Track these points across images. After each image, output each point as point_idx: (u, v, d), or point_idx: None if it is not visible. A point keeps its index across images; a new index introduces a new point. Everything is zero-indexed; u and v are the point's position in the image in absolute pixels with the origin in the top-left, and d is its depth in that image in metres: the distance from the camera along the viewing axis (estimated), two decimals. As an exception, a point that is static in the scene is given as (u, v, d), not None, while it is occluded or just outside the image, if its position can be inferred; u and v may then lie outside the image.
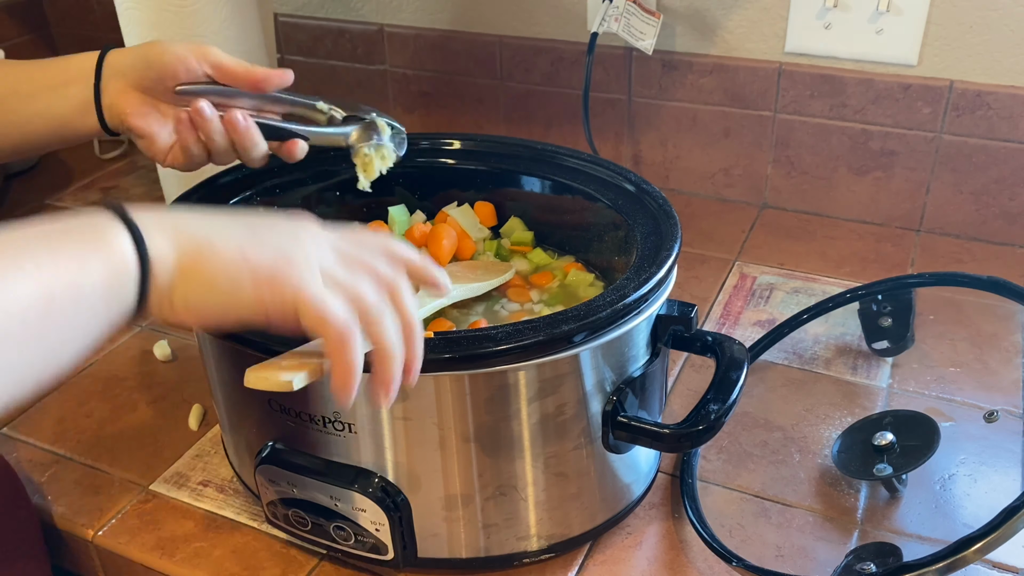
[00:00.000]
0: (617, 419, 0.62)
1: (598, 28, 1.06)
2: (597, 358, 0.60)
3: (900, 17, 0.99)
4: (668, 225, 0.69)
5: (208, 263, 0.48)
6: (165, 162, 0.70)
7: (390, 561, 0.64)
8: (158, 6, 0.91)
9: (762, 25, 1.06)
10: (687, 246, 1.05)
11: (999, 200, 1.02)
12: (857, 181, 1.08)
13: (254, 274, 0.48)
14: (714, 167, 1.15)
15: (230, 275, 0.48)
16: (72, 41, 1.53)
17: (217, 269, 0.48)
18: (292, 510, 0.65)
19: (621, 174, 0.76)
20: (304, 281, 0.49)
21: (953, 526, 0.69)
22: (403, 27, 1.24)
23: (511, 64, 1.20)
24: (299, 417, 0.61)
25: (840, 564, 0.63)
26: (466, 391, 0.58)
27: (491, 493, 0.62)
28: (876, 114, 1.04)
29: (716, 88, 1.10)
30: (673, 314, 0.65)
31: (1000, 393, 0.82)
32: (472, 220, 0.82)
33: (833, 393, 0.83)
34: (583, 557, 0.68)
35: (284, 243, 0.51)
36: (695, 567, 0.67)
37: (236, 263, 0.48)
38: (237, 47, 0.96)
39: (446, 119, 1.28)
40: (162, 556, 0.69)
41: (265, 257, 0.49)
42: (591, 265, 0.80)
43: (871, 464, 0.71)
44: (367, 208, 0.84)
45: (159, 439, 0.81)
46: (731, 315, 0.94)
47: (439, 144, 0.83)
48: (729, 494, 0.73)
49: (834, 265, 1.02)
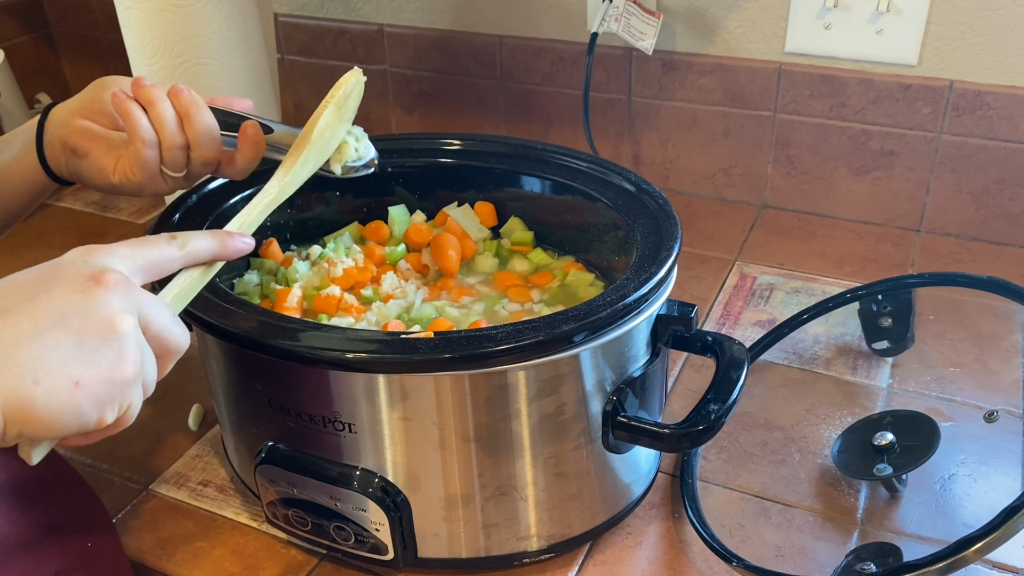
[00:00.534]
0: (617, 419, 0.62)
1: (598, 28, 1.06)
2: (597, 358, 0.60)
3: (900, 17, 0.99)
4: (668, 225, 0.69)
5: (42, 406, 0.43)
6: (114, 176, 0.66)
7: (390, 561, 0.64)
8: (158, 6, 0.91)
9: (762, 25, 1.06)
10: (687, 246, 1.05)
11: (999, 200, 1.02)
12: (857, 181, 1.08)
13: (94, 402, 0.45)
14: (714, 167, 1.15)
15: (70, 411, 0.44)
16: (72, 41, 1.53)
17: (54, 410, 0.43)
18: (292, 510, 0.65)
19: (621, 174, 0.76)
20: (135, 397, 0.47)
21: (953, 526, 0.69)
22: (403, 27, 1.24)
23: (511, 64, 1.20)
24: (299, 417, 0.61)
25: (840, 564, 0.63)
26: (466, 391, 0.58)
27: (491, 493, 0.62)
28: (876, 114, 1.04)
29: (716, 88, 1.10)
30: (673, 314, 0.65)
31: (1000, 393, 0.82)
32: (472, 220, 0.82)
33: (833, 393, 0.83)
34: (583, 557, 0.68)
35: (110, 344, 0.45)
36: (695, 567, 0.67)
37: (73, 399, 0.44)
38: (237, 47, 0.96)
39: (446, 119, 1.28)
40: (162, 556, 0.69)
41: (100, 380, 0.45)
42: (591, 265, 0.80)
43: (871, 464, 0.71)
44: (367, 208, 0.84)
45: (159, 439, 0.81)
46: (731, 315, 0.94)
47: (439, 144, 0.83)
48: (729, 494, 0.73)
49: (834, 265, 1.02)
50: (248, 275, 0.77)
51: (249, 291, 0.76)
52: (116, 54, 1.47)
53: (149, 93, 0.64)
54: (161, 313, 0.49)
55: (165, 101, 0.64)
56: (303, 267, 0.77)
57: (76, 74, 1.56)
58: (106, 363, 0.45)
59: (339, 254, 0.78)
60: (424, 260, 0.80)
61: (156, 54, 0.93)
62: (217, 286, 0.64)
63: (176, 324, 0.50)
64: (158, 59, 0.93)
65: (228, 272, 0.76)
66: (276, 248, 0.80)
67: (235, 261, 0.76)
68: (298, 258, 0.79)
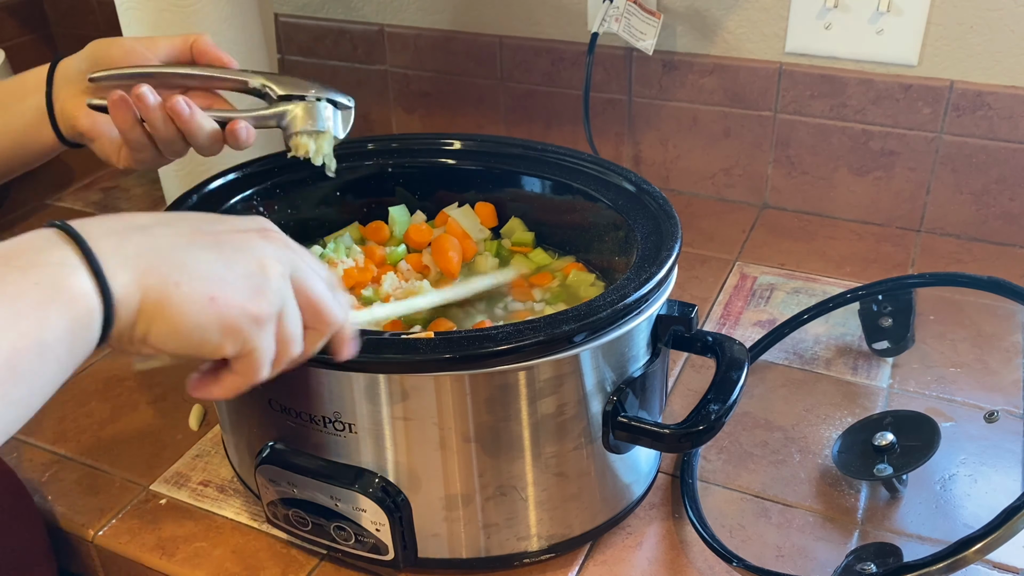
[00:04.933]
0: (617, 419, 0.62)
1: (598, 28, 1.06)
2: (597, 358, 0.60)
3: (900, 17, 0.99)
4: (668, 225, 0.69)
5: (175, 308, 0.45)
6: (119, 162, 0.68)
7: (390, 561, 0.64)
8: (158, 6, 0.91)
9: (762, 25, 1.06)
10: (687, 246, 1.05)
11: (999, 200, 1.02)
12: (857, 181, 1.08)
13: (221, 324, 0.46)
14: (714, 167, 1.15)
15: (198, 323, 0.46)
16: (72, 41, 1.53)
17: (185, 315, 0.45)
18: (292, 510, 0.65)
19: (621, 174, 0.76)
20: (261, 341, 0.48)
21: (953, 526, 0.69)
22: (403, 27, 1.24)
23: (511, 64, 1.20)
24: (299, 417, 0.61)
25: (840, 564, 0.63)
26: (466, 391, 0.58)
27: (491, 493, 0.62)
28: (876, 114, 1.04)
29: (716, 88, 1.10)
30: (673, 314, 0.65)
31: (1000, 393, 0.82)
32: (473, 221, 0.82)
33: (833, 393, 0.83)
34: (583, 557, 0.68)
35: (253, 279, 0.48)
36: (695, 567, 0.67)
37: (204, 311, 0.46)
38: (237, 47, 0.96)
39: (446, 119, 1.28)
40: (162, 556, 0.69)
41: (234, 305, 0.47)
42: (592, 265, 0.80)
43: (871, 464, 0.71)
44: (367, 208, 0.84)
45: (159, 439, 0.81)
46: (731, 315, 0.94)
47: (439, 144, 0.83)
48: (729, 494, 0.73)
49: (834, 265, 1.02)
50: (248, 275, 0.77)
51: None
52: (116, 54, 1.47)
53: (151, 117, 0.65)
54: (317, 280, 0.51)
55: (164, 121, 0.65)
56: (303, 267, 0.77)
57: (76, 74, 1.56)
58: (245, 292, 0.47)
59: (339, 254, 0.78)
60: (424, 261, 0.80)
61: (156, 54, 0.93)
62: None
63: (332, 296, 0.52)
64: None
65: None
66: (276, 248, 0.80)
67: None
68: (298, 258, 0.79)
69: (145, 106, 0.65)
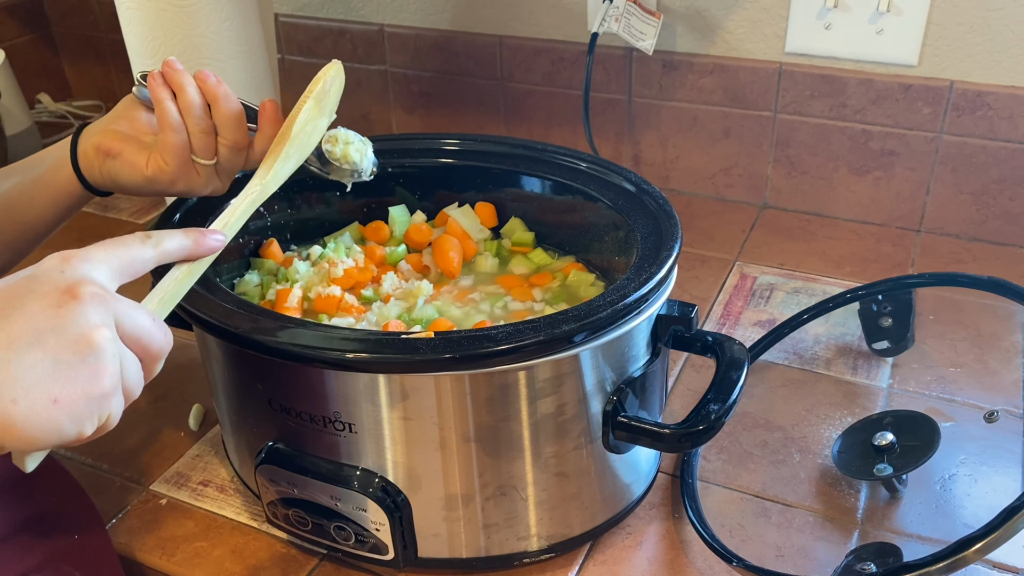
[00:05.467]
0: (617, 419, 0.62)
1: (598, 28, 1.06)
2: (597, 358, 0.60)
3: (900, 17, 0.99)
4: (668, 225, 0.69)
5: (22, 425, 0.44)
6: (147, 169, 0.67)
7: (390, 561, 0.64)
8: (158, 6, 0.91)
9: (762, 25, 1.06)
10: (687, 246, 1.05)
11: (999, 200, 1.02)
12: (857, 181, 1.08)
13: (73, 417, 0.45)
14: (714, 167, 1.15)
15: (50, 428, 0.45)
16: (72, 41, 1.53)
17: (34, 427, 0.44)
18: (292, 510, 0.65)
19: (621, 174, 0.76)
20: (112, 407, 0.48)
21: (953, 526, 0.69)
22: (403, 27, 1.24)
23: (511, 64, 1.20)
24: (299, 417, 0.61)
25: (840, 564, 0.63)
26: (466, 391, 0.58)
27: (491, 493, 0.62)
28: (876, 114, 1.04)
29: (716, 88, 1.10)
30: (673, 314, 0.65)
31: (1000, 393, 0.82)
32: (473, 221, 0.82)
33: (833, 393, 0.83)
34: (583, 557, 0.68)
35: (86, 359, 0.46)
36: (695, 567, 0.67)
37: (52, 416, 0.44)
38: (237, 47, 0.96)
39: (446, 119, 1.28)
40: (162, 556, 0.69)
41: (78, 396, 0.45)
42: (592, 265, 0.80)
43: (871, 464, 0.71)
44: (367, 208, 0.84)
45: (159, 439, 0.81)
46: (731, 315, 0.94)
47: (439, 144, 0.83)
48: (729, 494, 0.73)
49: (834, 265, 1.02)
50: (248, 275, 0.77)
51: (249, 291, 0.76)
52: (116, 54, 1.47)
53: (179, 79, 0.66)
54: (139, 319, 0.49)
55: (193, 86, 0.66)
56: (303, 267, 0.77)
57: (76, 74, 1.57)
58: (84, 379, 0.45)
59: (339, 254, 0.78)
60: (424, 261, 0.81)
61: (156, 54, 0.93)
62: (217, 286, 0.64)
63: (157, 328, 0.50)
64: (158, 59, 0.93)
65: (229, 272, 0.76)
66: (276, 248, 0.80)
67: (236, 261, 0.76)
68: (298, 258, 0.79)
69: (173, 69, 0.66)
